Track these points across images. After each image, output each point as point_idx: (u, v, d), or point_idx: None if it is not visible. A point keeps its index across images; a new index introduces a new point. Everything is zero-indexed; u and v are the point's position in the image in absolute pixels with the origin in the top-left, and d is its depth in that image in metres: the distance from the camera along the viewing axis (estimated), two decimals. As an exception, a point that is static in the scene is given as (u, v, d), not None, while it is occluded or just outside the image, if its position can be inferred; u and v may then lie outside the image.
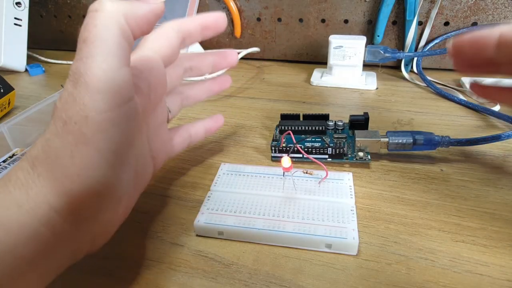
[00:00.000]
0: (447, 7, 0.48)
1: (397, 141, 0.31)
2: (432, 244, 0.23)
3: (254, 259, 0.23)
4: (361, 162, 0.32)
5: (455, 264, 0.22)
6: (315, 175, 0.29)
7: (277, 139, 0.35)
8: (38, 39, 0.72)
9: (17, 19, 0.58)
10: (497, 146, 0.33)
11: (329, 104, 0.45)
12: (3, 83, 0.45)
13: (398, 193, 0.28)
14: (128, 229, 0.26)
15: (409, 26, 0.49)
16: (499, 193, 0.28)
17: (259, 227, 0.24)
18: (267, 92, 0.48)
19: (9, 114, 0.46)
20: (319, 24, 0.55)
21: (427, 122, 0.39)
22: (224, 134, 0.38)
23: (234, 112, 0.43)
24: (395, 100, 0.44)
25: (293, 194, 0.27)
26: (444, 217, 0.26)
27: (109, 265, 0.23)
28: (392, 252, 0.23)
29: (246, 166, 0.31)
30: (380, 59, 0.47)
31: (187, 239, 0.25)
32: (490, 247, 0.23)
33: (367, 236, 0.24)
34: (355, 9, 0.52)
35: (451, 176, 0.30)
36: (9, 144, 0.33)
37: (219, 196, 0.27)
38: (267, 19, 0.57)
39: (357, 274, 0.22)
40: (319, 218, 0.25)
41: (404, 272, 0.22)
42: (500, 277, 0.21)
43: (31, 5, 0.60)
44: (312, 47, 0.57)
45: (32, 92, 0.54)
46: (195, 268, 0.23)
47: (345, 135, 0.34)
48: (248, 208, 0.26)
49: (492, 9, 0.47)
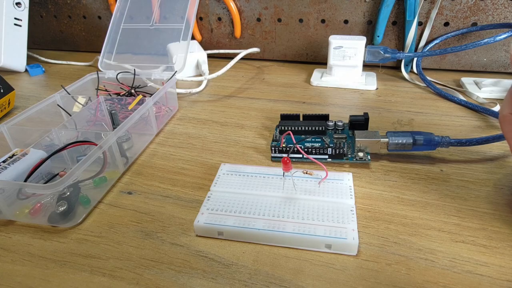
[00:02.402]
0: (447, 7, 0.48)
1: (397, 142, 0.31)
2: (432, 244, 0.23)
3: (254, 259, 0.23)
4: (361, 163, 0.32)
5: (455, 265, 0.22)
6: (315, 175, 0.29)
7: (277, 139, 0.35)
8: (38, 39, 0.72)
9: (17, 19, 0.58)
10: (497, 146, 0.33)
11: (329, 104, 0.45)
12: (3, 83, 0.45)
13: (398, 193, 0.28)
14: (128, 229, 0.26)
15: (409, 26, 0.49)
16: (499, 193, 0.28)
17: (259, 227, 0.24)
18: (267, 92, 0.48)
19: (9, 114, 0.46)
20: (319, 25, 0.55)
21: (427, 122, 0.39)
22: (224, 134, 0.38)
23: (234, 112, 0.43)
24: (395, 100, 0.44)
25: (293, 194, 0.27)
26: (444, 217, 0.26)
27: (109, 265, 0.23)
28: (392, 252, 0.23)
29: (246, 167, 0.31)
30: (380, 60, 0.47)
31: (187, 239, 0.25)
32: (490, 247, 0.23)
33: (367, 236, 0.24)
34: (355, 9, 0.52)
35: (451, 176, 0.30)
36: (9, 144, 0.33)
37: (219, 196, 0.27)
38: (267, 19, 0.57)
39: (357, 275, 0.22)
40: (319, 219, 0.25)
41: (404, 273, 0.22)
42: (500, 277, 0.21)
43: (31, 5, 0.60)
44: (312, 47, 0.57)
45: (32, 92, 0.54)
46: (195, 268, 0.23)
47: (345, 136, 0.34)
48: (248, 208, 0.26)
49: (492, 9, 0.47)
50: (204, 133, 0.39)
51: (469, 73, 0.51)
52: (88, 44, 0.71)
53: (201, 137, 0.38)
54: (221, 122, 0.41)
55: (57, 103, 0.38)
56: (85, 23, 0.68)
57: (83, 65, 0.64)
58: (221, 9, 0.58)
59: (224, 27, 0.60)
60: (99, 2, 0.65)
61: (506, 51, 0.49)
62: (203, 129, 0.40)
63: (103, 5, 0.65)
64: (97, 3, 0.65)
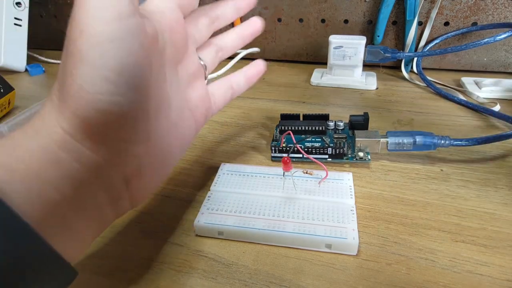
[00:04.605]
0: (447, 7, 0.48)
1: (397, 141, 0.31)
2: (432, 244, 0.23)
3: (254, 259, 0.23)
4: (361, 162, 0.32)
5: (455, 264, 0.22)
6: (315, 175, 0.29)
7: (277, 139, 0.35)
8: (38, 39, 0.72)
9: (17, 19, 0.58)
10: (497, 146, 0.33)
11: (329, 104, 0.45)
12: (3, 83, 0.45)
13: (398, 193, 0.28)
14: (128, 229, 0.26)
15: (409, 26, 0.49)
16: (499, 193, 0.28)
17: (259, 227, 0.24)
18: (267, 92, 0.48)
19: (9, 114, 0.46)
20: (319, 24, 0.55)
21: (427, 122, 0.39)
22: (224, 134, 0.38)
23: (234, 112, 0.43)
24: (395, 100, 0.44)
25: (293, 194, 0.27)
26: (444, 217, 0.26)
27: (109, 265, 0.23)
28: (392, 252, 0.23)
29: (246, 166, 0.31)
30: (380, 59, 0.47)
31: (187, 239, 0.25)
32: (490, 247, 0.23)
33: (367, 236, 0.24)
34: (355, 9, 0.52)
35: (451, 176, 0.30)
36: (9, 144, 0.33)
37: (219, 196, 0.27)
38: (267, 19, 0.57)
39: (357, 274, 0.22)
40: (319, 218, 0.25)
41: (404, 272, 0.22)
42: (500, 277, 0.21)
43: (31, 5, 0.60)
44: (312, 47, 0.57)
45: (32, 92, 0.54)
46: (195, 268, 0.23)
47: (345, 135, 0.34)
48: (248, 208, 0.26)
49: (492, 9, 0.47)
50: (204, 133, 0.39)
51: (469, 73, 0.51)
52: (88, 44, 0.70)
53: (201, 137, 0.38)
54: (221, 122, 0.41)
55: (57, 103, 0.38)
56: (85, 23, 0.68)
57: (83, 65, 0.64)
58: (221, 9, 0.58)
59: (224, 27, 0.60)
60: (99, 2, 0.65)
61: (507, 51, 0.49)
62: (203, 129, 0.40)
63: (103, 5, 0.65)
64: (97, 3, 0.65)
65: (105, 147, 0.18)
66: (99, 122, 0.17)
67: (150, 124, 0.20)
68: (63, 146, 0.17)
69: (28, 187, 0.15)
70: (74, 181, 0.17)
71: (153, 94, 0.20)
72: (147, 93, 0.19)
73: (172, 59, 0.23)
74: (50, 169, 0.16)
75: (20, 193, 0.14)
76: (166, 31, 0.21)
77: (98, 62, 0.16)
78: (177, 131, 0.23)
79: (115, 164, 0.19)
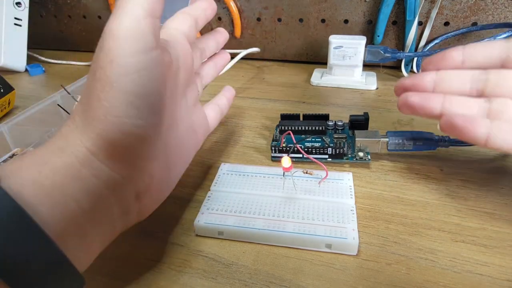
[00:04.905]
0: (447, 7, 0.48)
1: (397, 141, 0.31)
2: (432, 244, 0.23)
3: (254, 259, 0.23)
4: (361, 162, 0.32)
5: (455, 264, 0.22)
6: (315, 175, 0.29)
7: (277, 139, 0.35)
8: (38, 39, 0.72)
9: (17, 19, 0.58)
10: (497, 146, 0.33)
11: (329, 104, 0.45)
12: (3, 83, 0.45)
13: (398, 193, 0.28)
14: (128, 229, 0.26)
15: (409, 26, 0.49)
16: (499, 193, 0.28)
17: (259, 227, 0.24)
18: (267, 92, 0.48)
19: (9, 114, 0.46)
20: (319, 24, 0.55)
21: (427, 122, 0.39)
22: (224, 134, 0.38)
23: (234, 112, 0.43)
24: (395, 100, 0.44)
25: (293, 194, 0.27)
26: (444, 217, 0.26)
27: (109, 265, 0.23)
28: (392, 252, 0.23)
29: (246, 166, 0.31)
30: (380, 59, 0.47)
31: (187, 239, 0.25)
32: (490, 247, 0.23)
33: (367, 236, 0.24)
34: (355, 9, 0.52)
35: (451, 176, 0.30)
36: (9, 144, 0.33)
37: (219, 196, 0.27)
38: (267, 19, 0.57)
39: (357, 274, 0.22)
40: (319, 218, 0.25)
41: (404, 272, 0.22)
42: (500, 277, 0.21)
43: (31, 5, 0.60)
44: (312, 47, 0.57)
45: (32, 92, 0.54)
46: (195, 268, 0.23)
47: (345, 135, 0.34)
48: (248, 208, 0.26)
49: (492, 9, 0.47)
50: (204, 133, 0.39)
51: (469, 73, 0.51)
52: (88, 44, 0.71)
53: (201, 137, 0.38)
54: (221, 122, 0.41)
55: (57, 103, 0.38)
56: (85, 23, 0.68)
57: (83, 65, 0.64)
58: (221, 8, 0.58)
59: (224, 27, 0.60)
60: (99, 2, 0.65)
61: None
62: (203, 129, 0.40)
63: (103, 5, 0.65)
64: (97, 3, 0.65)
65: (123, 165, 0.19)
66: (122, 143, 0.18)
67: (162, 143, 0.22)
68: (85, 164, 0.18)
69: (53, 200, 0.16)
70: (93, 195, 0.18)
71: (167, 115, 0.22)
72: (163, 115, 0.21)
73: (183, 83, 0.25)
74: (72, 184, 0.17)
75: (45, 206, 0.16)
76: (179, 56, 0.24)
77: (125, 89, 0.18)
78: (182, 149, 0.25)
79: (130, 181, 0.20)
